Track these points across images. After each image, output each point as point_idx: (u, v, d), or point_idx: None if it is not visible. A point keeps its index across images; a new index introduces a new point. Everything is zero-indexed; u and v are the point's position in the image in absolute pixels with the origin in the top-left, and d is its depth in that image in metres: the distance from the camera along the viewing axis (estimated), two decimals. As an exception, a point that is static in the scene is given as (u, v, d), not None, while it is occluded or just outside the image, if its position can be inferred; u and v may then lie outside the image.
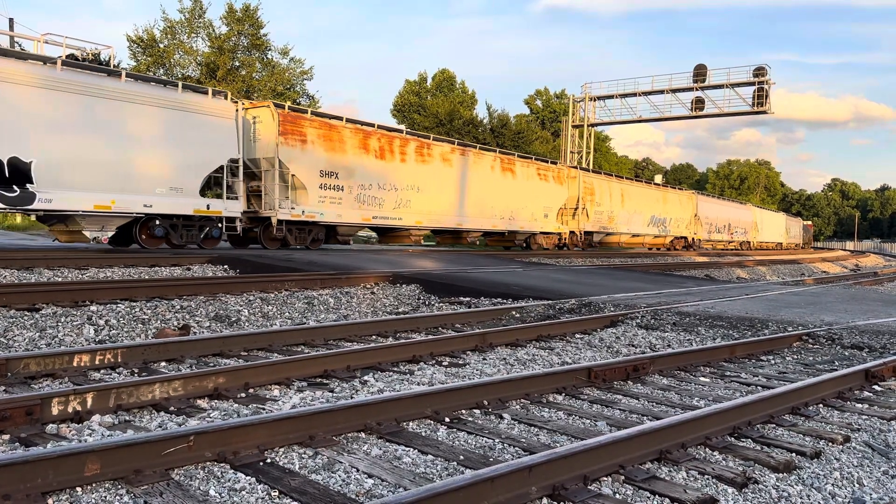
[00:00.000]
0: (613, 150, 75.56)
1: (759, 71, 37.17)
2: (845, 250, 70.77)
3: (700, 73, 38.57)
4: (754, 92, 37.41)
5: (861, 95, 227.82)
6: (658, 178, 48.15)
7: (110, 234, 14.44)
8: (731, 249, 44.45)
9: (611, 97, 41.32)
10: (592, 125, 43.25)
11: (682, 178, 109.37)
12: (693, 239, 40.19)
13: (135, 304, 8.48)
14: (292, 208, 17.25)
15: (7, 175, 12.24)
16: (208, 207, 15.43)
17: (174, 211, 14.81)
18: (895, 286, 22.30)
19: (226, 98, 16.17)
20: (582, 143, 42.46)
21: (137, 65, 39.78)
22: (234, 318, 8.46)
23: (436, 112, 51.69)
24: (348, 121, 19.33)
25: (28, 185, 12.56)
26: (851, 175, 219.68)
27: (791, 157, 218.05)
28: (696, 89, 38.76)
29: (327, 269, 12.73)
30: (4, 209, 12.76)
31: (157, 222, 14.71)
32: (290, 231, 17.60)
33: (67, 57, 14.41)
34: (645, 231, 34.88)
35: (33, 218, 15.66)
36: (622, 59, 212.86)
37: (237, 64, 41.12)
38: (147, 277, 11.02)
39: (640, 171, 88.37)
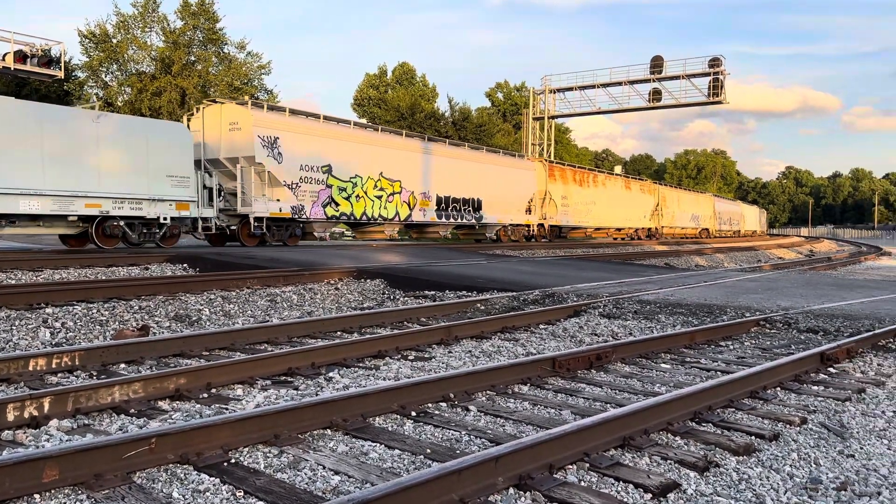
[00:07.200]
0: (574, 142, 76.11)
1: (715, 62, 37.74)
2: (800, 236, 72.54)
3: (657, 64, 39.03)
4: (709, 83, 37.98)
5: (808, 86, 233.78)
6: (618, 169, 48.72)
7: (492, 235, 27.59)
8: (730, 236, 55.43)
9: (570, 89, 41.62)
10: (553, 117, 43.53)
11: (640, 168, 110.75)
12: (711, 230, 51.73)
13: (92, 305, 8.30)
14: (550, 217, 30.31)
15: (475, 207, 25.80)
16: (527, 219, 29.11)
17: (517, 222, 28.47)
18: (848, 271, 22.93)
19: (528, 158, 31.68)
20: (543, 136, 42.71)
21: (90, 60, 38.86)
22: (194, 318, 8.34)
23: (397, 105, 51.48)
24: (567, 165, 34.41)
25: (480, 212, 26.13)
26: (803, 163, 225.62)
27: (744, 148, 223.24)
28: (654, 80, 39.23)
29: (290, 265, 12.61)
30: (473, 223, 25.84)
31: (508, 229, 28.12)
32: (550, 230, 30.55)
33: (15, 53, 14.22)
34: (688, 225, 47.42)
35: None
36: (581, 52, 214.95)
37: (193, 59, 40.43)
38: (104, 278, 10.79)
39: (600, 163, 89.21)
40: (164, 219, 15.87)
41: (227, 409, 4.41)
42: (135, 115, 27.78)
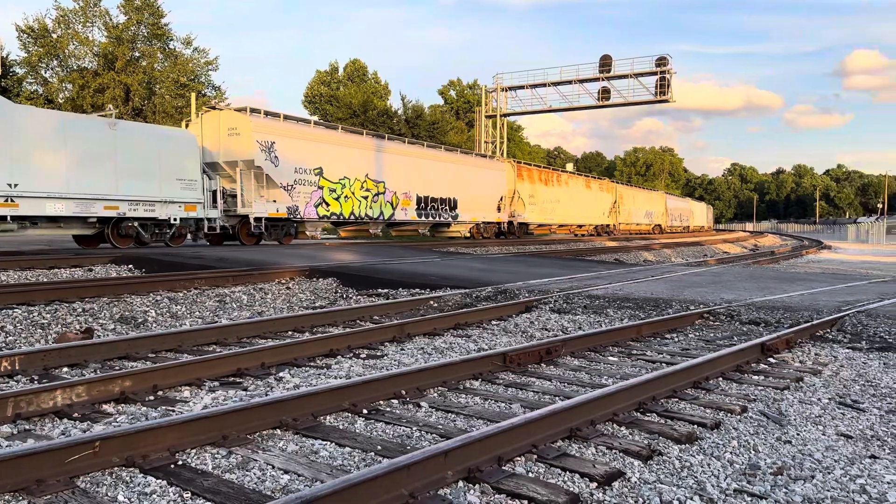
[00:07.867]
0: (526, 140, 76.76)
1: (661, 61, 38.46)
2: (745, 231, 74.63)
3: (605, 63, 39.59)
4: (657, 81, 38.69)
5: (752, 85, 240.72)
6: (570, 167, 49.49)
7: (465, 233, 28.69)
8: (680, 231, 57.90)
9: (522, 87, 41.92)
10: (505, 115, 43.79)
11: (591, 165, 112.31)
12: (663, 226, 53.97)
13: (33, 308, 8.06)
14: (519, 215, 31.65)
15: (452, 205, 27.02)
16: (497, 217, 30.24)
17: (489, 220, 29.58)
18: (790, 264, 23.66)
19: (498, 160, 32.93)
20: (495, 133, 42.95)
21: (28, 56, 37.61)
22: (140, 320, 8.17)
23: (349, 103, 51.13)
24: (534, 165, 36.22)
25: (456, 210, 27.30)
26: (747, 160, 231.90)
27: (690, 145, 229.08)
28: (602, 79, 39.78)
29: (239, 265, 12.44)
30: (449, 221, 26.90)
31: (481, 227, 29.21)
32: (518, 227, 31.92)
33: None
34: (642, 221, 49.22)
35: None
36: (532, 50, 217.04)
37: (137, 55, 39.47)
38: (46, 280, 10.49)
39: (553, 160, 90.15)
40: (174, 219, 16.82)
41: (173, 411, 4.34)
42: (74, 112, 27.00)
